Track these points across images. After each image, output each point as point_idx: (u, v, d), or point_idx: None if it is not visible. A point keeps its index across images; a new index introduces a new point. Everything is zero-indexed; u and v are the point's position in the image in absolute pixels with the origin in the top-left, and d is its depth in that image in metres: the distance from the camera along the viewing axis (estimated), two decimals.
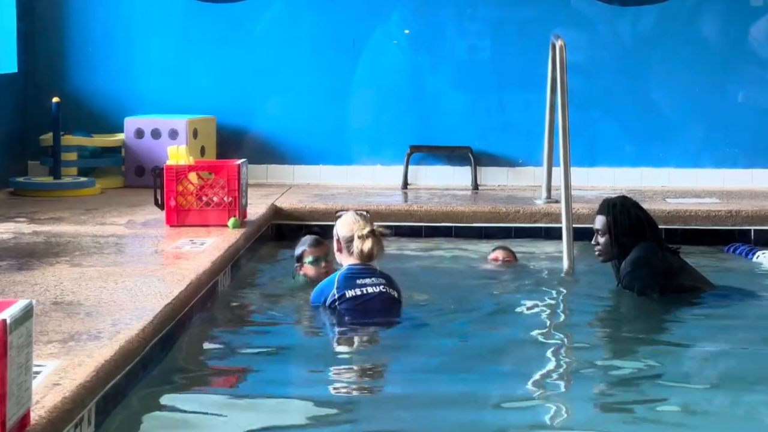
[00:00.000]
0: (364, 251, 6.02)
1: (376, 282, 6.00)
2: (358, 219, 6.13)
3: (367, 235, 6.03)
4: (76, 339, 4.70)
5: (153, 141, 9.66)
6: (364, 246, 6.01)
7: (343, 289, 5.97)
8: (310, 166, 10.18)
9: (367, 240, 6.02)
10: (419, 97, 10.15)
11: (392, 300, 6.03)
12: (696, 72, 10.03)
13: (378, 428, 4.53)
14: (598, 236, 6.64)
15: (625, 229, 6.54)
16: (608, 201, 6.70)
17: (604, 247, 6.61)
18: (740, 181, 9.96)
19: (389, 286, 6.05)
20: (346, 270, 6.07)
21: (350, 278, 6.01)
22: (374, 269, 6.08)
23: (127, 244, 7.16)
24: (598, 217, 6.67)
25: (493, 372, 5.18)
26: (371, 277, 6.02)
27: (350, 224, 6.11)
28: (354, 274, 6.03)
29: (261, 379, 5.10)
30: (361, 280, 6.00)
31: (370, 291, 5.97)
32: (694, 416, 4.63)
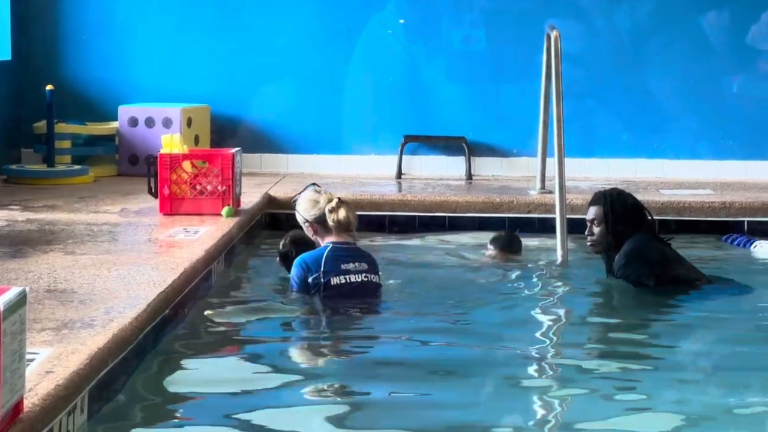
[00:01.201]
0: (341, 221, 5.93)
1: (359, 269, 5.94)
2: (318, 194, 6.05)
3: (337, 205, 5.95)
4: (70, 327, 4.69)
5: (147, 129, 9.65)
6: (339, 216, 5.93)
7: (328, 275, 5.89)
8: (304, 155, 10.17)
9: (340, 209, 5.94)
10: (414, 86, 10.14)
11: (374, 286, 6.00)
12: (691, 63, 10.02)
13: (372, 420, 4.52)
14: (592, 227, 6.63)
15: (620, 219, 6.53)
16: (603, 192, 6.70)
17: (599, 237, 6.60)
18: (735, 172, 9.96)
19: (371, 271, 5.99)
20: (331, 249, 5.96)
21: (336, 260, 5.92)
22: (357, 249, 6.02)
23: (121, 232, 7.15)
24: (592, 207, 6.66)
25: (485, 364, 5.17)
26: (354, 261, 5.94)
27: (314, 202, 6.02)
28: (339, 256, 5.93)
29: (255, 368, 5.10)
30: (345, 265, 5.92)
31: (353, 280, 5.92)
32: (688, 406, 4.64)
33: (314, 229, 6.04)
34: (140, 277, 5.70)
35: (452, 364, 5.22)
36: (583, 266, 7.06)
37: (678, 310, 6.26)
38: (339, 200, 5.98)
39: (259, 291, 6.59)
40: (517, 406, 4.60)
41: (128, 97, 10.03)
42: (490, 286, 6.70)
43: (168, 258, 6.26)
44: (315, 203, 5.99)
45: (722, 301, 6.32)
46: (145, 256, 6.32)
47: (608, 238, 6.55)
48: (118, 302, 5.14)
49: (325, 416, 4.47)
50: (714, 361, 5.28)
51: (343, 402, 4.70)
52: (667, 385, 4.87)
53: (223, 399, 4.68)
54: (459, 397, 4.69)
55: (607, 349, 5.57)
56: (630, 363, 5.29)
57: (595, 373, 5.12)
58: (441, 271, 7.09)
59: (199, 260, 6.28)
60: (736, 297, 6.42)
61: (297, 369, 5.15)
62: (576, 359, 5.34)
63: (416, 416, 4.52)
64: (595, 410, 4.60)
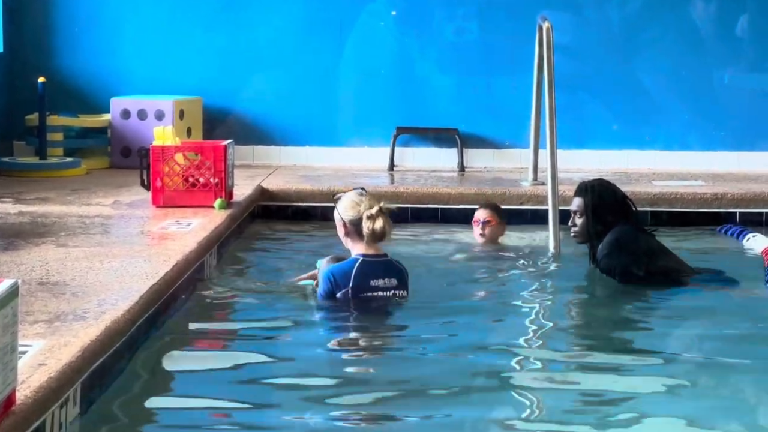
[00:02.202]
0: (376, 231, 5.72)
1: (388, 285, 5.76)
2: (362, 198, 5.83)
3: (377, 214, 5.73)
4: (62, 319, 4.69)
5: (139, 122, 9.64)
6: (375, 225, 5.71)
7: (357, 291, 5.73)
8: (296, 147, 10.17)
9: (378, 219, 5.72)
10: (406, 78, 10.14)
11: (398, 299, 5.82)
12: (683, 55, 10.03)
13: (367, 411, 4.53)
14: (575, 218, 6.67)
15: (602, 210, 6.56)
16: (585, 183, 6.73)
17: (581, 228, 6.64)
18: (727, 163, 9.98)
19: (400, 287, 5.80)
20: (361, 264, 5.77)
21: (365, 276, 5.74)
22: (388, 263, 5.82)
23: (113, 224, 7.15)
24: (575, 198, 6.70)
25: (476, 355, 5.17)
26: (384, 276, 5.77)
27: (355, 204, 5.80)
28: (368, 272, 5.75)
29: (248, 361, 5.10)
30: (375, 281, 5.75)
31: (381, 295, 5.76)
32: (679, 396, 4.66)
33: (346, 231, 5.84)
34: (133, 269, 5.71)
35: (441, 355, 5.23)
36: (576, 257, 7.06)
37: (667, 302, 6.27)
38: (379, 209, 5.75)
39: (252, 283, 6.58)
40: (508, 398, 4.61)
41: (120, 89, 10.02)
42: (482, 279, 6.71)
43: (160, 250, 6.26)
44: (356, 205, 5.79)
45: (709, 294, 6.34)
46: (138, 249, 6.32)
47: (590, 229, 6.58)
48: (110, 294, 5.14)
49: (318, 406, 4.49)
50: (703, 353, 5.30)
51: (336, 392, 4.71)
52: (657, 377, 4.88)
53: (216, 390, 4.68)
54: (448, 390, 4.70)
55: (597, 340, 5.58)
56: (620, 354, 5.30)
57: (586, 364, 5.13)
58: (432, 264, 7.08)
59: (192, 252, 6.28)
60: (722, 289, 6.43)
61: (289, 361, 5.15)
62: (567, 351, 5.36)
63: (403, 405, 4.53)
64: (585, 401, 4.61)
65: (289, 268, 7.03)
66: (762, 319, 5.86)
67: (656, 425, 4.29)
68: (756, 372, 4.97)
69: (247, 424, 4.31)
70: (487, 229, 7.52)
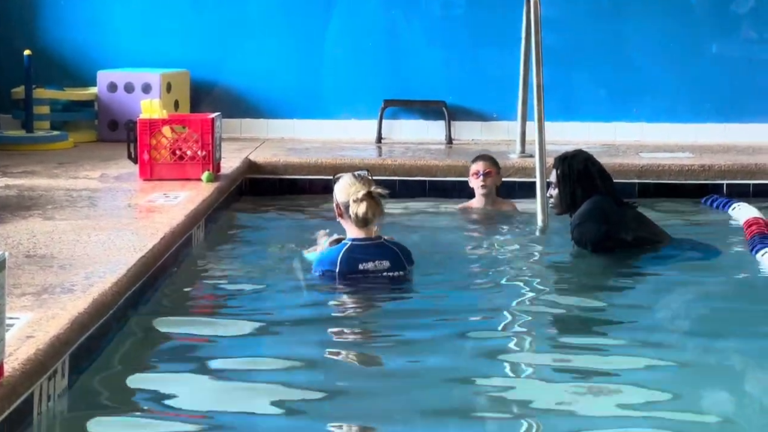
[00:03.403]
0: (359, 216, 5.70)
1: (379, 267, 5.74)
2: (354, 181, 5.79)
3: (362, 198, 5.69)
4: (50, 292, 4.69)
5: (126, 95, 9.62)
6: (358, 210, 5.69)
7: (343, 275, 5.72)
8: (284, 120, 10.16)
9: (361, 204, 5.69)
10: (393, 51, 10.12)
11: (395, 279, 5.79)
12: (671, 26, 10.03)
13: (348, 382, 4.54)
14: (551, 189, 6.74)
15: (573, 181, 6.60)
16: (561, 155, 6.77)
17: (556, 199, 6.70)
18: (714, 135, 9.99)
19: (394, 268, 5.77)
20: (348, 249, 5.76)
21: (352, 261, 5.73)
22: (379, 244, 5.79)
23: (100, 197, 7.14)
24: (553, 170, 6.75)
25: (463, 328, 5.18)
26: (374, 259, 5.74)
27: (347, 187, 5.77)
28: (356, 255, 5.74)
29: (235, 334, 5.10)
30: (364, 265, 5.73)
31: (371, 276, 5.73)
32: (666, 366, 4.67)
33: (339, 212, 5.82)
34: (120, 242, 5.70)
35: (429, 328, 5.24)
36: (563, 229, 7.06)
37: (651, 273, 6.27)
38: (366, 194, 5.71)
39: (240, 256, 6.59)
40: (495, 371, 4.62)
41: (107, 62, 9.98)
42: (470, 251, 6.72)
43: (148, 223, 6.25)
44: (348, 188, 5.76)
45: (690, 263, 6.37)
46: (125, 222, 6.31)
47: (563, 200, 6.63)
48: (98, 267, 5.14)
49: (303, 380, 4.50)
50: (689, 321, 5.32)
51: (322, 366, 4.72)
52: (640, 347, 4.90)
53: (203, 363, 4.69)
54: (437, 364, 4.72)
55: (583, 310, 5.59)
56: (605, 323, 5.33)
57: (572, 335, 5.15)
58: (419, 236, 7.08)
59: (179, 225, 6.28)
60: (703, 258, 6.46)
61: (276, 335, 5.15)
62: (554, 322, 5.37)
63: (390, 382, 4.54)
64: (572, 372, 4.63)
65: (276, 240, 7.04)
66: (742, 288, 5.89)
67: (640, 394, 4.31)
68: (740, 340, 5.00)
69: (234, 398, 4.31)
70: (488, 180, 7.61)
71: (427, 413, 4.16)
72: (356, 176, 5.86)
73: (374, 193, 5.75)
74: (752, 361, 4.74)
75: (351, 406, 4.24)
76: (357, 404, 4.26)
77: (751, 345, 4.94)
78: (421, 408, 4.21)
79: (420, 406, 4.22)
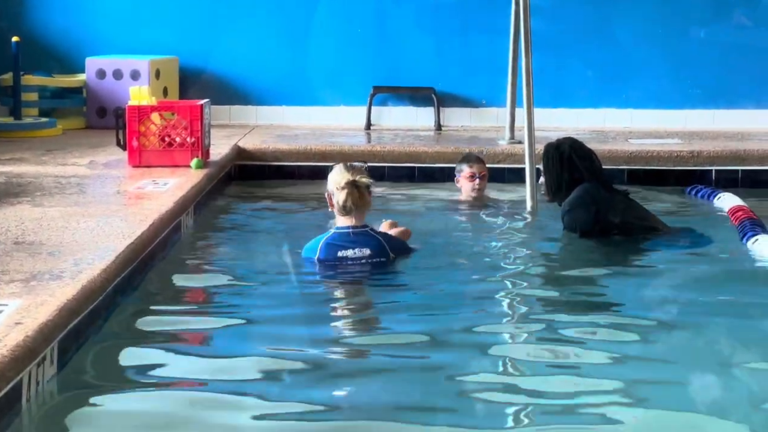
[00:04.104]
0: (339, 204, 5.72)
1: (359, 255, 5.74)
2: (342, 170, 5.80)
3: (343, 186, 5.71)
4: (39, 278, 4.68)
5: (115, 82, 9.59)
6: (339, 198, 5.72)
7: (322, 262, 5.76)
8: (273, 106, 10.15)
9: (342, 191, 5.71)
10: (383, 37, 10.11)
11: (374, 265, 5.78)
12: (660, 12, 10.02)
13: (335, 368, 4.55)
14: (541, 176, 6.77)
15: (557, 170, 6.63)
16: (548, 143, 6.79)
17: (545, 187, 6.72)
18: (702, 121, 10.00)
19: (375, 255, 5.75)
20: (330, 236, 5.79)
21: (332, 248, 5.76)
22: (362, 232, 5.78)
23: (89, 184, 7.13)
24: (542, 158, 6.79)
25: (451, 315, 5.19)
26: (354, 247, 5.75)
27: (334, 176, 5.80)
28: (336, 243, 5.76)
29: (223, 319, 5.10)
30: (343, 252, 5.75)
31: (351, 263, 5.74)
32: (654, 351, 4.69)
33: (330, 202, 5.84)
34: (109, 228, 5.70)
35: (418, 313, 5.25)
36: (552, 216, 7.07)
37: (640, 259, 6.30)
38: (348, 183, 5.71)
39: (228, 242, 6.58)
40: (484, 355, 4.63)
41: (96, 48, 9.96)
42: (460, 238, 6.72)
43: (137, 210, 6.25)
44: (335, 177, 5.79)
45: (682, 250, 6.38)
46: (114, 208, 6.30)
47: (550, 188, 6.67)
48: (87, 254, 5.13)
49: (290, 361, 4.50)
50: (677, 307, 5.33)
51: (309, 349, 4.72)
52: (631, 331, 4.91)
53: (191, 349, 4.69)
54: (426, 350, 4.72)
55: (571, 295, 5.60)
56: (594, 310, 5.34)
57: (560, 320, 5.14)
58: (409, 221, 7.07)
59: (168, 212, 6.27)
60: (695, 245, 6.47)
61: (264, 320, 5.15)
62: (542, 308, 5.38)
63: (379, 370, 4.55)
64: (558, 358, 4.63)
65: (265, 226, 7.05)
66: (733, 275, 5.90)
67: (628, 380, 4.32)
68: (729, 326, 5.01)
69: (222, 382, 4.31)
70: (483, 182, 7.60)
71: (411, 401, 4.17)
72: (347, 166, 5.87)
73: (358, 182, 5.74)
74: (740, 346, 4.76)
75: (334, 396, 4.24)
76: (340, 394, 4.26)
77: (741, 331, 4.95)
78: (404, 396, 4.21)
79: (402, 395, 4.22)
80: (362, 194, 5.77)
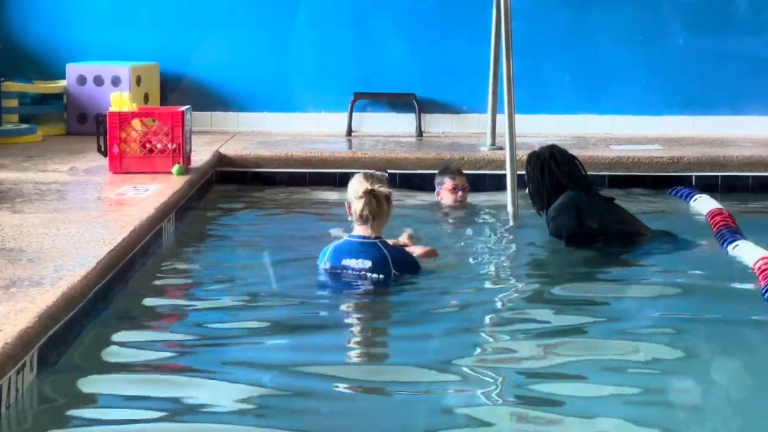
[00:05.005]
0: (357, 212, 5.69)
1: (360, 266, 5.70)
2: (361, 179, 5.77)
3: (361, 195, 5.68)
4: (18, 285, 4.67)
5: (96, 88, 9.57)
6: (357, 207, 5.68)
7: (327, 268, 5.76)
8: (254, 113, 10.14)
9: (360, 201, 5.67)
10: (363, 43, 10.12)
11: (371, 280, 5.72)
12: (640, 19, 10.06)
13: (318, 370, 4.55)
14: (527, 186, 6.79)
15: (537, 180, 6.66)
16: (529, 153, 6.81)
17: (531, 197, 6.74)
18: (682, 128, 10.04)
19: (374, 270, 5.68)
20: (341, 243, 5.80)
21: (338, 255, 5.75)
22: (369, 245, 5.72)
23: (70, 191, 7.11)
24: (527, 167, 6.81)
25: (433, 322, 5.19)
26: (358, 257, 5.71)
27: (353, 185, 5.77)
28: (344, 251, 5.75)
29: (205, 325, 5.10)
30: (347, 261, 5.72)
31: (351, 273, 5.72)
32: (635, 356, 4.70)
33: (349, 211, 5.79)
34: (90, 235, 5.69)
35: (402, 319, 5.25)
36: (534, 222, 7.09)
37: (623, 262, 6.33)
38: (366, 192, 5.67)
39: (210, 248, 6.58)
40: (467, 363, 4.63)
41: (76, 55, 9.94)
42: (442, 243, 6.72)
43: (118, 216, 6.24)
44: (353, 186, 5.75)
45: (662, 255, 6.41)
46: (95, 215, 6.29)
47: (535, 197, 6.68)
48: (67, 260, 5.12)
49: (271, 366, 4.51)
50: (659, 312, 5.35)
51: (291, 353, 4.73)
52: (615, 337, 4.93)
53: (174, 356, 4.69)
54: (407, 355, 4.73)
55: (555, 301, 5.61)
56: (577, 315, 5.34)
57: (544, 325, 5.17)
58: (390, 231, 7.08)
59: (150, 218, 6.26)
60: (675, 250, 6.50)
61: (243, 324, 5.14)
62: (525, 313, 5.38)
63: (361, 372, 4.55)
64: (544, 362, 4.65)
65: (246, 232, 7.04)
66: (713, 280, 5.92)
67: (609, 384, 4.34)
68: (709, 330, 5.04)
69: (205, 390, 4.30)
70: (465, 194, 7.60)
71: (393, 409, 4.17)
72: (366, 175, 5.84)
73: (377, 191, 5.70)
74: (720, 351, 4.78)
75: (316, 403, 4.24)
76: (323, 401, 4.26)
77: (721, 336, 4.98)
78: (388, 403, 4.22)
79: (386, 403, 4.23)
80: (380, 204, 5.72)
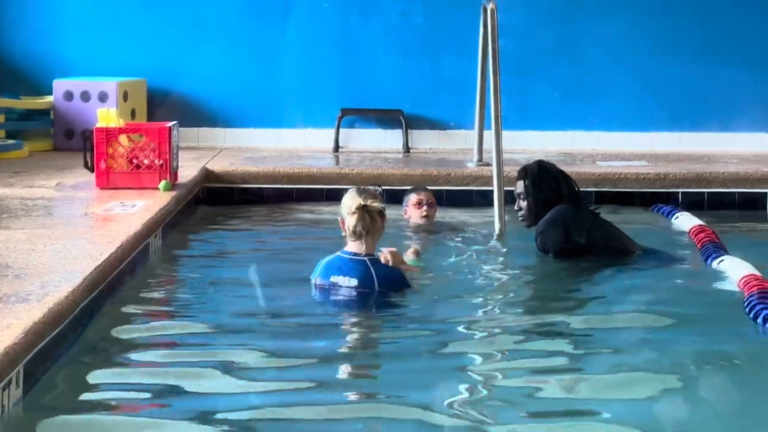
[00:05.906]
0: (350, 228, 5.65)
1: (347, 284, 5.66)
2: (354, 195, 5.72)
3: (354, 211, 5.64)
4: (4, 301, 4.66)
5: (83, 103, 9.57)
6: (349, 223, 5.65)
7: (317, 284, 5.76)
8: (241, 129, 10.15)
9: (353, 216, 5.63)
10: (350, 59, 10.13)
11: (359, 293, 5.70)
12: (627, 35, 10.09)
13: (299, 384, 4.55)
14: (519, 201, 6.76)
15: (540, 191, 6.64)
16: (525, 166, 6.81)
17: (526, 211, 6.72)
18: (669, 144, 10.07)
19: (361, 287, 5.65)
20: (331, 259, 5.77)
21: (328, 270, 5.73)
22: (359, 261, 5.69)
23: (56, 206, 7.10)
24: (518, 182, 6.78)
25: (420, 337, 5.19)
26: (346, 274, 5.68)
27: (346, 201, 5.73)
28: (333, 268, 5.72)
29: (192, 342, 5.10)
30: (335, 277, 5.69)
31: (337, 290, 5.71)
32: (620, 371, 4.70)
33: (343, 226, 5.76)
34: (76, 251, 5.68)
35: (388, 335, 5.25)
36: (521, 238, 7.09)
37: (610, 278, 6.32)
38: (359, 207, 5.63)
39: (196, 264, 6.57)
40: (452, 377, 4.63)
41: (63, 70, 9.94)
42: (427, 259, 6.72)
43: (104, 232, 6.23)
44: (346, 201, 5.71)
45: (648, 271, 6.42)
46: (82, 230, 6.28)
47: (534, 210, 6.67)
48: (53, 276, 5.11)
49: (256, 381, 4.50)
50: (644, 327, 5.35)
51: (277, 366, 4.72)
52: (598, 352, 4.94)
53: (160, 373, 4.67)
54: (394, 370, 4.73)
55: (542, 318, 5.61)
56: (564, 331, 5.34)
57: (530, 342, 5.16)
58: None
59: (136, 234, 6.26)
60: (660, 266, 6.52)
61: (230, 341, 5.13)
62: (512, 330, 5.38)
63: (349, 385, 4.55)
64: (530, 378, 4.65)
65: (234, 248, 7.04)
66: (699, 295, 5.95)
67: (595, 399, 4.34)
68: (695, 345, 5.04)
69: (192, 406, 4.29)
70: (431, 210, 7.57)
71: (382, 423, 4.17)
72: (359, 190, 5.79)
73: (369, 207, 5.66)
74: (706, 365, 4.78)
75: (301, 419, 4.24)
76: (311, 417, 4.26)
77: (707, 351, 4.98)
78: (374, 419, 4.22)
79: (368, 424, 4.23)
80: (374, 219, 5.68)
